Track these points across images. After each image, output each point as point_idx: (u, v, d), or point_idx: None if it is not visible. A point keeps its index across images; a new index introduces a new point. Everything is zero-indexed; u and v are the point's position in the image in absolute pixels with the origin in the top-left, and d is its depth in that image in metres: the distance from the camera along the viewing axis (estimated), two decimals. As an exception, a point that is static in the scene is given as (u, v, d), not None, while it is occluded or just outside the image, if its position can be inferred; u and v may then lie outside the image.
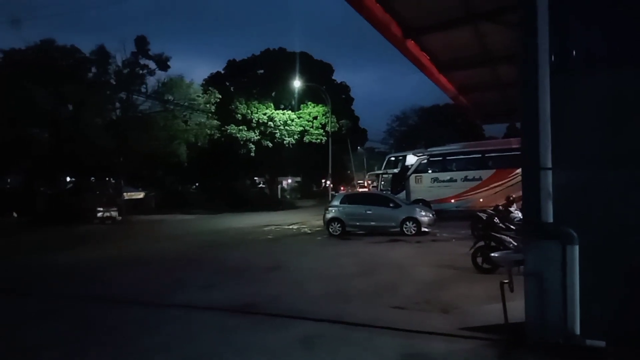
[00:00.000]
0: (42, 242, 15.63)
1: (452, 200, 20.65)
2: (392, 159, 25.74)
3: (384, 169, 25.65)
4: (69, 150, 21.61)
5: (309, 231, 18.05)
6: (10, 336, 5.54)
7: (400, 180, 22.47)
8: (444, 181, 21.04)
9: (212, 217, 26.05)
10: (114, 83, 25.19)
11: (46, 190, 24.28)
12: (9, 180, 25.79)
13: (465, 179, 20.54)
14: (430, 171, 21.64)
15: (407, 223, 15.18)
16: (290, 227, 19.92)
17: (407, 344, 4.87)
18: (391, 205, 15.80)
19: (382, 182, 25.26)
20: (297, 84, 32.32)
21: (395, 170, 23.78)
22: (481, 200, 19.50)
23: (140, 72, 25.55)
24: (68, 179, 27.17)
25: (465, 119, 38.34)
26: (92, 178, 26.37)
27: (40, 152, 20.84)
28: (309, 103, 34.09)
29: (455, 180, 20.82)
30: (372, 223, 15.67)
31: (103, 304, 7.12)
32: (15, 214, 19.60)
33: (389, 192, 20.93)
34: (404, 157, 23.68)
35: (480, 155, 20.93)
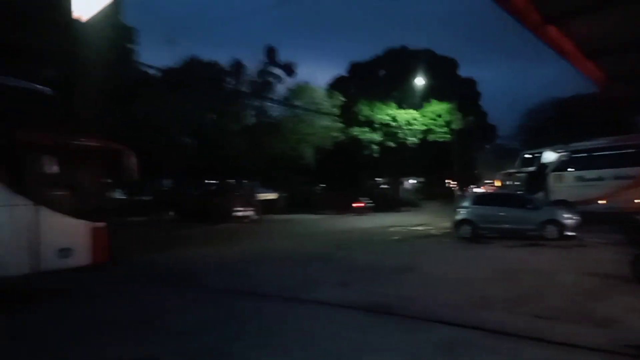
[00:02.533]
0: (190, 238, 17.45)
1: (600, 201, 18.44)
2: (528, 156, 23.80)
3: (518, 167, 23.87)
4: (211, 156, 23.98)
5: (437, 233, 17.59)
6: (163, 322, 6.18)
7: (537, 180, 20.69)
8: (590, 180, 18.89)
9: (338, 217, 26.74)
10: (249, 92, 27.28)
11: (193, 191, 27.21)
12: (163, 182, 29.42)
13: (616, 178, 18.21)
14: (573, 169, 19.61)
15: (548, 226, 13.94)
16: (416, 228, 19.61)
17: (560, 359, 4.51)
18: (529, 206, 14.67)
19: (516, 182, 23.53)
20: (420, 81, 31.68)
21: (532, 169, 21.98)
22: (636, 201, 17.11)
23: (271, 80, 27.33)
24: (212, 181, 30.10)
25: (613, 110, 34.04)
26: (232, 180, 28.85)
27: (188, 157, 23.50)
28: (433, 101, 33.18)
29: (604, 179, 18.55)
30: (507, 225, 14.70)
31: (245, 296, 7.72)
32: (171, 213, 22.35)
33: (524, 192, 19.42)
34: (541, 154, 21.77)
35: (635, 151, 18.38)
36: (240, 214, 23.97)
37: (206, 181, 29.55)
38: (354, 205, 28.66)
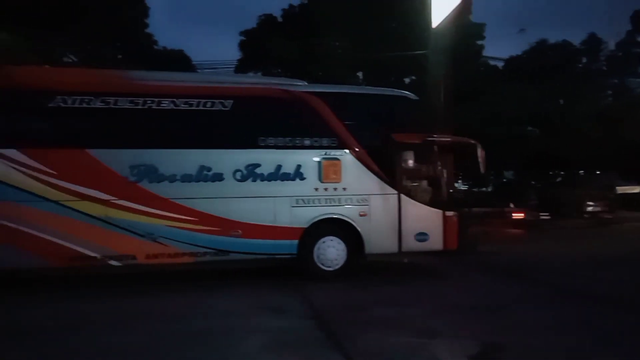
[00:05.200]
0: (531, 232, 16.67)
1: None
2: None
3: None
4: (557, 144, 22.10)
5: None
6: (507, 312, 6.23)
7: None
8: None
9: None
10: (605, 69, 23.68)
11: (536, 183, 25.81)
12: (504, 173, 29.03)
13: None
14: None
15: None
16: None
17: None
18: None
19: None
20: None
21: None
22: None
23: (637, 50, 22.84)
24: (558, 172, 27.80)
25: None
26: (581, 171, 25.87)
27: (532, 147, 22.39)
28: None
29: None
30: None
31: (592, 300, 6.99)
32: (511, 205, 21.98)
33: None
34: None
35: None
36: (590, 209, 21.34)
37: (551, 172, 27.47)
38: None
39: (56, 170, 7.26)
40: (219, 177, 7.75)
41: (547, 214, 20.99)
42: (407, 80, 17.77)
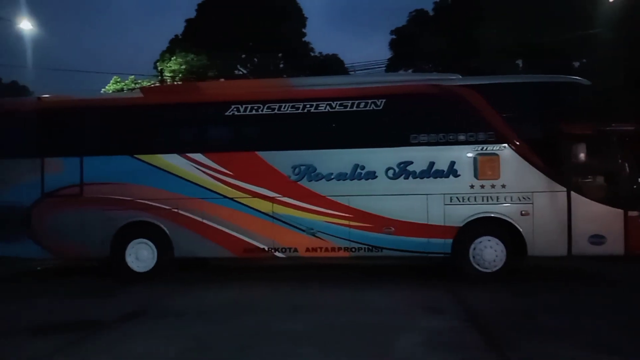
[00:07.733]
0: None
1: None
2: None
3: None
4: None
5: None
6: None
7: None
8: None
9: None
10: None
11: None
12: None
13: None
14: None
15: None
16: None
17: None
18: None
19: None
20: None
21: None
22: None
23: None
24: None
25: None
26: None
27: None
28: None
29: None
30: None
31: None
32: None
33: None
34: None
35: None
36: None
37: None
38: None
39: (232, 171, 8.28)
40: (372, 175, 7.96)
41: None
42: (576, 64, 15.73)
